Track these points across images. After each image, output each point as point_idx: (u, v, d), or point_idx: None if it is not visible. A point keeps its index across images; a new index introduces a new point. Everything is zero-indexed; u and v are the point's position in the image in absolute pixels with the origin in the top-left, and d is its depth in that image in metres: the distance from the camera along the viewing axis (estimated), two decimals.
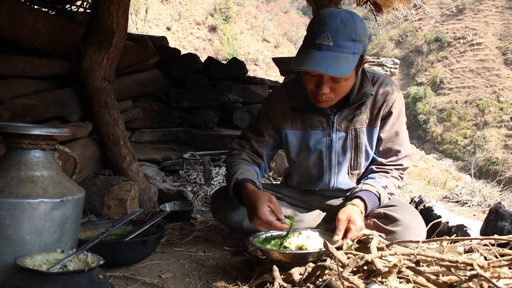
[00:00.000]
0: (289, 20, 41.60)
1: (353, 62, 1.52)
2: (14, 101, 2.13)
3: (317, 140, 1.81)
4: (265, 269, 1.47)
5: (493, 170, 27.11)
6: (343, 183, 1.86)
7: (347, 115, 1.77)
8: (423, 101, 35.99)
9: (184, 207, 2.54)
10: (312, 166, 1.87)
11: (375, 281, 1.11)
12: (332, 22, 1.50)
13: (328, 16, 1.52)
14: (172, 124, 4.26)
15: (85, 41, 2.54)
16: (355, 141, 1.79)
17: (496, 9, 41.87)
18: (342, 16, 1.51)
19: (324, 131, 1.80)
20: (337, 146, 1.81)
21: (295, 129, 1.84)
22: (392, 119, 1.77)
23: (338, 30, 1.49)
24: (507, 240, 1.29)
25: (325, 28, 1.50)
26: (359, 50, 1.54)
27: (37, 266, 1.17)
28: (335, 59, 1.49)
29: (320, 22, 1.53)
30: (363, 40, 1.55)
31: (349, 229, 1.53)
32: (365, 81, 1.74)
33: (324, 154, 1.82)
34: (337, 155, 1.82)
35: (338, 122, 1.78)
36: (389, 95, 1.75)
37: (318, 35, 1.51)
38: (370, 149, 1.81)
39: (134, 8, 25.53)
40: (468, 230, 1.80)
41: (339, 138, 1.80)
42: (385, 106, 1.75)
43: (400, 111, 1.78)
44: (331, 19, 1.51)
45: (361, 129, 1.78)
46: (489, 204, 3.39)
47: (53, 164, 1.37)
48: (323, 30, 1.50)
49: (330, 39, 1.49)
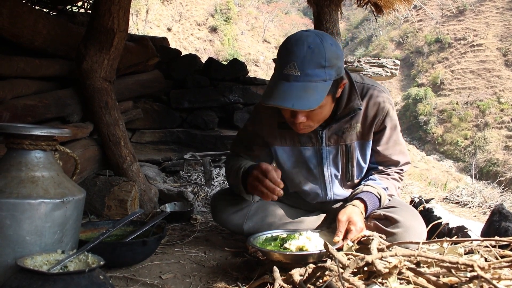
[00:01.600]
0: (290, 21, 41.62)
1: (324, 90, 1.44)
2: (15, 101, 2.13)
3: (308, 156, 1.78)
4: (265, 270, 1.47)
5: (493, 171, 27.09)
6: (341, 194, 1.84)
7: (336, 130, 1.72)
8: (424, 102, 35.98)
9: (184, 208, 2.54)
10: (305, 182, 1.84)
11: (376, 282, 1.11)
12: (298, 50, 1.42)
13: (294, 44, 1.44)
14: (173, 125, 4.26)
15: (86, 41, 2.54)
16: (346, 155, 1.75)
17: (497, 10, 41.87)
18: (309, 42, 1.42)
19: (313, 146, 1.76)
20: (328, 161, 1.77)
21: (284, 145, 1.79)
22: (387, 131, 1.73)
23: (305, 58, 1.41)
24: (508, 242, 1.29)
25: (291, 57, 1.42)
26: (331, 76, 1.45)
27: (38, 266, 1.17)
28: (303, 90, 1.41)
29: (287, 50, 1.45)
30: (335, 64, 1.46)
31: (350, 230, 1.53)
32: (353, 95, 1.66)
33: (316, 170, 1.80)
34: (329, 170, 1.78)
35: (327, 137, 1.73)
36: (380, 108, 1.69)
37: (285, 65, 1.43)
38: (363, 163, 1.78)
39: (134, 9, 25.56)
40: (468, 232, 1.80)
41: (329, 153, 1.76)
42: (378, 119, 1.70)
43: (393, 122, 1.73)
44: (297, 46, 1.42)
45: (352, 144, 1.74)
46: (489, 205, 3.39)
47: (53, 164, 1.37)
48: (290, 59, 1.42)
49: (297, 69, 1.41)
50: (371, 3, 4.17)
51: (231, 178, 1.80)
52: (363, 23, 49.84)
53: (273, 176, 1.53)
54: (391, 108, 1.73)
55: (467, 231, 1.80)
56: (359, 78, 1.75)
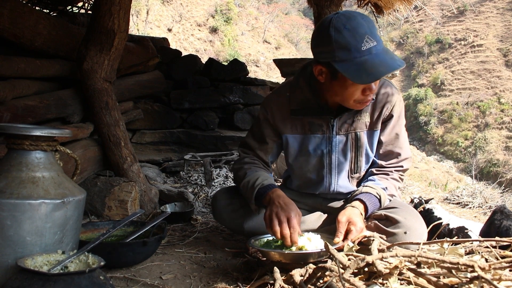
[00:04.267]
0: (290, 22, 41.62)
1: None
2: (15, 102, 2.13)
3: (317, 144, 1.79)
4: (265, 270, 1.47)
5: (494, 171, 27.05)
6: (344, 187, 1.85)
7: (347, 119, 1.75)
8: (424, 102, 35.94)
9: (185, 209, 2.54)
10: (312, 170, 1.85)
11: (376, 283, 1.11)
12: (358, 26, 1.46)
13: (348, 22, 1.46)
14: (173, 125, 4.26)
15: (86, 42, 2.54)
16: (355, 144, 1.77)
17: (497, 10, 41.86)
18: (355, 15, 1.49)
19: (324, 134, 1.77)
20: (337, 150, 1.79)
21: (295, 133, 1.81)
22: (392, 122, 1.76)
23: (369, 26, 1.47)
24: (509, 242, 1.29)
25: (360, 32, 1.46)
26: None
27: (38, 267, 1.17)
28: (388, 53, 1.49)
29: (350, 30, 1.46)
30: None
31: (350, 231, 1.53)
32: None
33: (324, 158, 1.80)
34: (337, 159, 1.80)
35: (338, 125, 1.75)
36: (389, 98, 1.73)
37: (359, 42, 1.45)
38: (370, 152, 1.80)
39: (135, 10, 25.57)
40: (469, 232, 1.80)
41: (339, 142, 1.78)
42: (386, 109, 1.74)
43: (400, 113, 1.77)
44: (355, 22, 1.46)
45: (361, 133, 1.76)
46: (490, 206, 3.39)
47: (54, 165, 1.37)
48: (360, 34, 1.45)
49: (373, 39, 1.46)
50: (372, 3, 4.17)
51: (243, 189, 1.78)
52: None
53: (294, 224, 1.51)
54: (399, 99, 1.77)
55: (468, 231, 1.80)
56: None
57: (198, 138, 4.17)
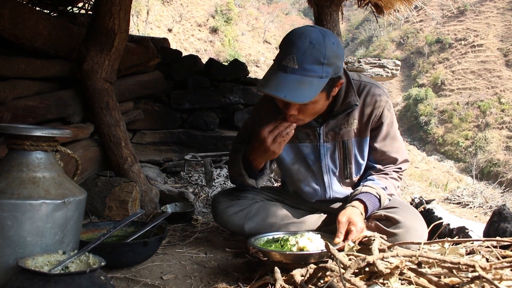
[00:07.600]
0: (290, 22, 41.59)
1: (319, 86, 1.46)
2: (16, 102, 2.13)
3: (306, 153, 1.79)
4: (266, 270, 1.47)
5: (494, 171, 27.03)
6: (340, 192, 1.85)
7: (334, 126, 1.74)
8: (424, 102, 35.93)
9: (185, 209, 2.54)
10: (304, 180, 1.85)
11: (377, 283, 1.11)
12: (300, 44, 1.44)
13: (297, 37, 1.46)
14: (173, 126, 4.26)
15: (87, 42, 2.54)
16: (343, 152, 1.76)
17: (497, 10, 41.83)
18: (312, 37, 1.44)
19: (311, 143, 1.78)
20: (326, 158, 1.78)
21: None
22: (384, 128, 1.73)
23: (305, 52, 1.43)
24: (509, 242, 1.28)
25: (292, 49, 1.45)
26: (328, 74, 1.47)
27: (39, 267, 1.17)
28: (297, 83, 1.43)
29: (289, 42, 1.47)
30: (334, 63, 1.48)
31: (350, 231, 1.53)
32: (350, 91, 1.68)
33: (314, 166, 1.81)
34: (327, 166, 1.79)
35: (324, 133, 1.75)
36: (377, 103, 1.70)
37: (285, 56, 1.46)
38: (361, 159, 1.79)
39: (135, 10, 25.57)
40: (469, 232, 1.80)
41: (327, 149, 1.77)
42: (374, 115, 1.71)
43: (390, 117, 1.74)
44: (300, 40, 1.45)
45: (349, 140, 1.75)
46: (490, 205, 3.39)
47: (54, 165, 1.37)
48: (290, 51, 1.45)
49: (296, 62, 1.43)
50: (372, 3, 4.16)
51: (233, 169, 1.79)
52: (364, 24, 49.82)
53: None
54: (388, 105, 1.74)
55: (468, 231, 1.80)
56: (356, 76, 1.77)
57: (199, 138, 4.17)
